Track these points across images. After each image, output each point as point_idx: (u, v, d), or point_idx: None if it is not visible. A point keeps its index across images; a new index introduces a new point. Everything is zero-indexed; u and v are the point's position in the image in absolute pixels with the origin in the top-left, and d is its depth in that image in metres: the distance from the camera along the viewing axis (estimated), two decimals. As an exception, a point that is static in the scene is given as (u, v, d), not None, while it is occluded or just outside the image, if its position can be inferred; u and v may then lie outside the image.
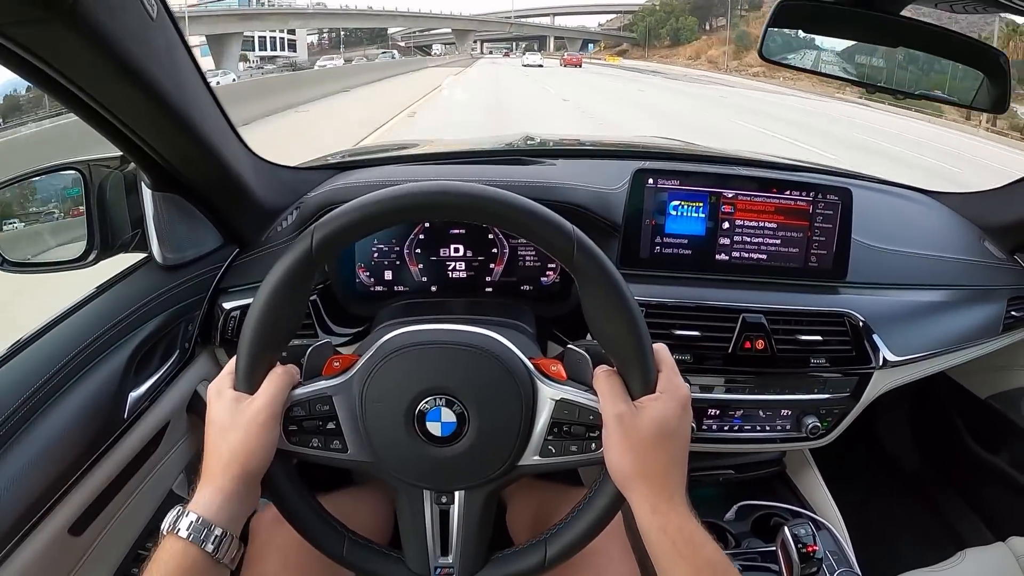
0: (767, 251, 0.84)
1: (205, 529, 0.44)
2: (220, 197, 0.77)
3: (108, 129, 0.59)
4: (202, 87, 0.66)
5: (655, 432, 0.47)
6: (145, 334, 0.70)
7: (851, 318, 0.83)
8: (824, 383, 0.84)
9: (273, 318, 0.47)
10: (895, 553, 0.85)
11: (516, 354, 0.51)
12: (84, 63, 0.49)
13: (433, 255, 0.84)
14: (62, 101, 0.53)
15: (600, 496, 0.51)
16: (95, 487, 0.62)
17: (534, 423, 0.50)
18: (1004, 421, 1.08)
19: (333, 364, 0.52)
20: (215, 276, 0.79)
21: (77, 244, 0.74)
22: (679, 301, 0.81)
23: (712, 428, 0.84)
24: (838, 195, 0.84)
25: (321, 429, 0.50)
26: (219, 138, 0.70)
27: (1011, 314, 0.94)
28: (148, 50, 0.53)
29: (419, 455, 0.50)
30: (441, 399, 0.49)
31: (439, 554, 0.53)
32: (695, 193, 0.83)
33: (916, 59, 0.69)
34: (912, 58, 0.69)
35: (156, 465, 0.73)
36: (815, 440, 0.86)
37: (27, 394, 0.57)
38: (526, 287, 0.86)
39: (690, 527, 0.46)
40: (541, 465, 0.51)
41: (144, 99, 0.56)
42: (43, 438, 0.56)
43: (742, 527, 0.91)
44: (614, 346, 0.49)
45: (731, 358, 0.80)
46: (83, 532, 0.61)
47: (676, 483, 0.47)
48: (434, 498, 0.53)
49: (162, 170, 0.68)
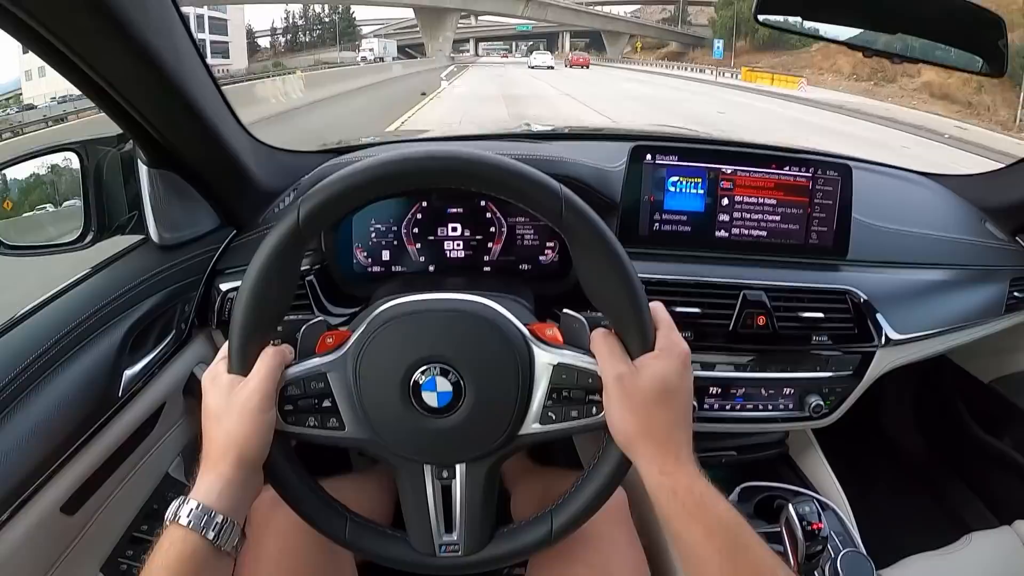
0: (767, 227, 0.84)
1: (206, 516, 0.44)
2: (217, 177, 0.77)
3: (107, 102, 0.59)
4: (200, 66, 0.66)
5: (657, 390, 0.46)
6: (141, 313, 0.69)
7: (853, 295, 0.83)
8: (826, 361, 0.84)
9: (263, 297, 0.47)
10: (899, 537, 0.84)
11: (510, 319, 0.50)
12: (85, 32, 0.49)
13: (431, 235, 0.84)
14: (62, 71, 0.53)
15: (605, 462, 0.50)
16: (88, 465, 0.61)
17: (532, 390, 0.49)
18: (1008, 405, 1.08)
19: (326, 340, 0.52)
20: (212, 257, 0.79)
21: (74, 226, 0.74)
22: (679, 278, 0.81)
23: (714, 407, 0.84)
24: (837, 171, 0.83)
25: (317, 407, 0.49)
26: (217, 117, 0.70)
27: (1013, 295, 0.94)
28: (148, 22, 0.53)
29: (417, 428, 0.49)
30: (436, 368, 0.49)
31: (443, 531, 0.53)
32: (694, 169, 0.82)
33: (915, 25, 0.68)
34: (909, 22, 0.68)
35: (152, 447, 0.72)
36: (818, 419, 0.85)
37: (20, 368, 0.57)
38: (525, 266, 0.86)
39: (700, 486, 0.45)
40: (542, 433, 0.50)
41: (144, 72, 0.56)
42: (36, 413, 0.56)
43: (745, 509, 0.89)
44: (610, 306, 0.48)
45: (732, 335, 0.80)
46: (76, 512, 0.60)
47: (681, 441, 0.46)
48: (435, 473, 0.52)
49: (159, 146, 0.68)
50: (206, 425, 0.48)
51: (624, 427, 0.47)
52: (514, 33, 74.51)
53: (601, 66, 42.38)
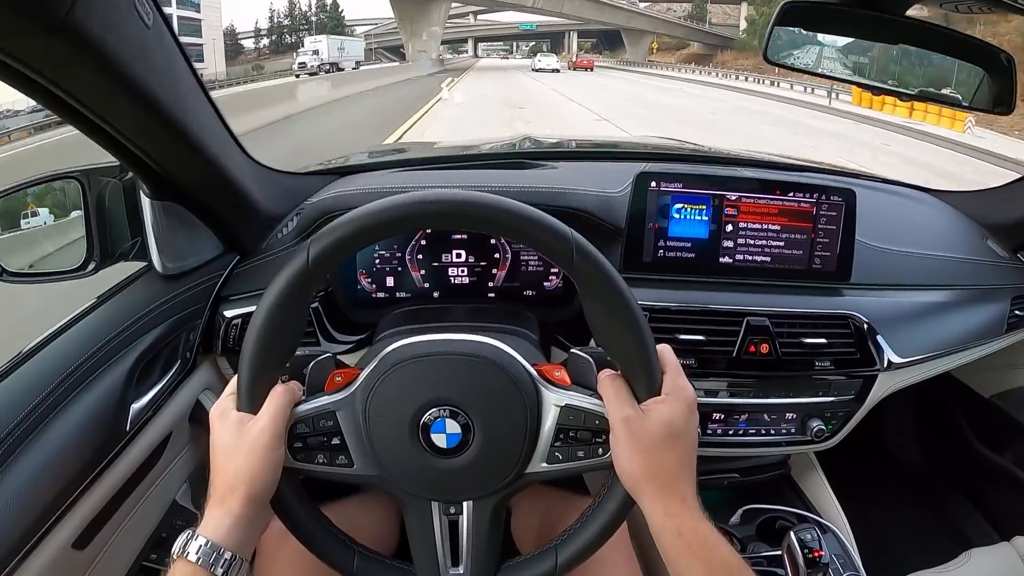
0: (771, 253, 0.84)
1: (214, 553, 0.44)
2: (220, 205, 0.76)
3: (105, 139, 0.58)
4: (200, 95, 0.65)
5: (663, 434, 0.46)
6: (146, 344, 0.69)
7: (855, 320, 0.83)
8: (829, 386, 0.84)
9: (273, 336, 0.47)
10: (900, 555, 0.85)
11: (519, 361, 0.51)
12: (79, 75, 0.48)
13: (435, 261, 0.84)
14: (58, 112, 0.52)
15: (610, 500, 0.51)
16: (98, 500, 0.61)
17: (540, 430, 0.50)
18: (1009, 420, 1.08)
19: (335, 379, 0.52)
20: (216, 284, 0.79)
21: (76, 254, 0.74)
22: (683, 305, 0.81)
23: (717, 432, 0.84)
24: (842, 196, 0.83)
25: (326, 445, 0.50)
26: (218, 146, 0.70)
27: (1015, 313, 0.94)
28: (144, 60, 0.53)
29: (425, 467, 0.50)
30: (445, 410, 0.49)
31: (450, 565, 0.53)
32: (698, 196, 0.82)
33: (919, 59, 0.68)
34: (913, 58, 0.68)
35: (159, 476, 0.72)
36: (820, 443, 0.86)
37: (29, 408, 0.57)
38: (529, 292, 0.86)
39: (704, 528, 0.45)
40: (549, 472, 0.51)
41: (141, 109, 0.55)
42: (45, 452, 0.56)
43: (747, 531, 0.90)
44: (617, 350, 0.48)
45: (736, 362, 0.80)
46: (86, 546, 0.60)
47: (687, 484, 0.47)
48: (443, 509, 0.52)
49: (161, 179, 0.67)
50: (214, 461, 0.49)
51: (631, 469, 0.47)
52: (517, 32, 67.51)
53: (618, 71, 35.33)
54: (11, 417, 0.55)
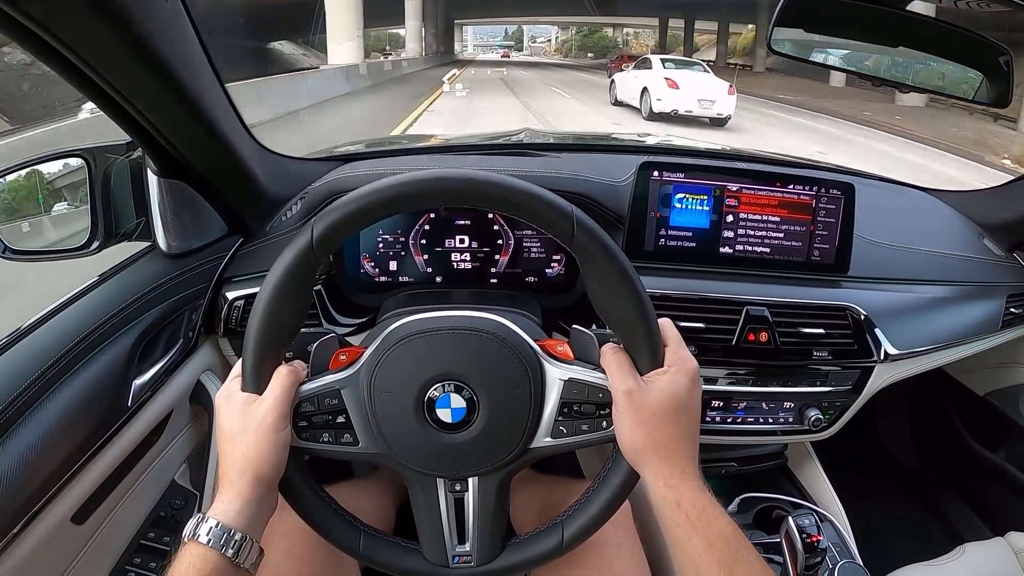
0: (770, 244, 0.85)
1: (224, 534, 0.44)
2: (226, 186, 0.77)
3: (118, 112, 0.59)
4: (212, 76, 0.66)
5: (665, 406, 0.47)
6: (149, 322, 0.69)
7: (853, 311, 0.84)
8: (826, 376, 0.85)
9: (277, 316, 0.47)
10: (894, 546, 0.86)
11: (522, 336, 0.51)
12: (97, 43, 0.49)
13: (438, 246, 0.84)
14: (74, 83, 0.53)
15: (614, 474, 0.51)
16: (98, 475, 0.61)
17: (544, 404, 0.50)
18: (1002, 418, 1.09)
19: (339, 357, 0.52)
20: (219, 265, 0.79)
21: (80, 232, 0.74)
22: (683, 293, 0.81)
23: (716, 420, 0.85)
24: (841, 190, 0.84)
25: (331, 423, 0.50)
26: (228, 127, 0.70)
27: (1010, 311, 0.95)
28: (161, 34, 0.53)
29: (430, 443, 0.50)
30: (450, 385, 0.49)
31: (456, 542, 0.53)
32: (700, 186, 0.83)
33: (918, 53, 0.69)
34: (914, 52, 0.69)
35: (159, 454, 0.72)
36: (817, 433, 0.87)
37: (30, 381, 0.57)
38: (531, 278, 0.86)
39: (703, 500, 0.45)
40: (553, 446, 0.51)
41: (158, 83, 0.56)
42: (46, 426, 0.56)
43: (744, 519, 0.91)
44: (619, 323, 0.48)
45: (735, 350, 0.81)
46: (85, 521, 0.60)
47: (688, 456, 0.47)
48: (448, 486, 0.52)
49: (170, 157, 0.68)
50: (221, 444, 0.49)
51: (632, 441, 0.47)
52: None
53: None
54: (12, 389, 0.55)
